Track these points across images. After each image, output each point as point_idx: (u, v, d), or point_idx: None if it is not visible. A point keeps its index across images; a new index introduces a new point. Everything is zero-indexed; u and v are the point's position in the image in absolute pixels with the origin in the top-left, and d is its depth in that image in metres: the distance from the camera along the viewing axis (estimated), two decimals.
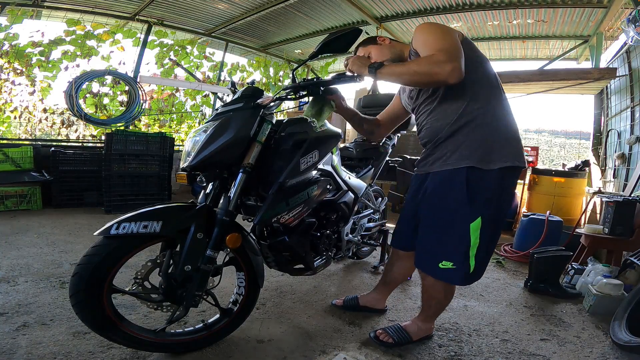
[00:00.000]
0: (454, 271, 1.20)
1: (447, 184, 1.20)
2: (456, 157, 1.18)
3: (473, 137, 1.16)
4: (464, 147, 1.17)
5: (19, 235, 2.67)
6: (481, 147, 1.15)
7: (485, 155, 1.15)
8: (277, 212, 1.35)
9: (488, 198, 1.16)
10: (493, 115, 1.19)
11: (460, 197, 1.16)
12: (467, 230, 1.16)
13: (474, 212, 1.16)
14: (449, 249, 1.21)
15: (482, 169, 1.14)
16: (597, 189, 3.69)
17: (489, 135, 1.17)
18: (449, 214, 1.21)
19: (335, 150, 1.83)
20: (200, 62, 5.56)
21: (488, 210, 1.17)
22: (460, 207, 1.17)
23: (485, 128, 1.17)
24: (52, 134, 5.03)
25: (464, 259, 1.19)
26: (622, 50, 3.66)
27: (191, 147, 1.28)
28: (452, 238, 1.20)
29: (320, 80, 1.33)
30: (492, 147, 1.16)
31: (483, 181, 1.15)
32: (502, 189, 1.18)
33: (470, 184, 1.15)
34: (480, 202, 1.16)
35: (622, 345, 1.52)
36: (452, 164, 1.19)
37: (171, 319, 1.28)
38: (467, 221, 1.16)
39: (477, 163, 1.14)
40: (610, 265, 2.28)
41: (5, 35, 3.97)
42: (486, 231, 1.18)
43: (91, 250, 1.12)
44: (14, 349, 1.27)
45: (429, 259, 1.27)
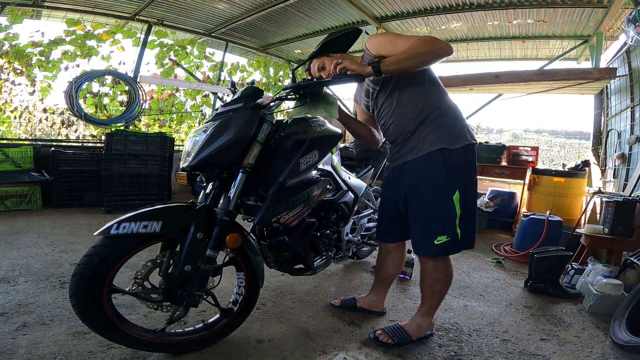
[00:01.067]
0: (449, 242, 1.35)
1: (426, 166, 1.35)
2: (428, 143, 1.35)
3: (437, 126, 1.36)
4: (432, 134, 1.35)
5: (19, 235, 2.68)
6: (445, 132, 1.35)
7: (450, 138, 1.34)
8: (277, 212, 1.35)
9: (460, 172, 1.35)
10: (445, 106, 1.40)
11: (440, 174, 1.32)
12: (452, 203, 1.33)
13: (453, 186, 1.33)
14: (440, 224, 1.35)
15: (450, 148, 1.33)
16: (597, 189, 3.69)
17: (448, 122, 1.37)
18: (433, 192, 1.35)
19: (335, 150, 1.83)
20: (200, 62, 5.56)
21: (462, 183, 1.35)
22: (442, 184, 1.33)
23: (443, 117, 1.37)
24: (52, 134, 5.03)
25: (453, 229, 1.35)
26: (622, 50, 3.66)
27: (191, 147, 1.28)
28: (441, 213, 1.35)
29: (320, 80, 1.33)
30: (453, 130, 1.36)
31: (454, 158, 1.33)
32: (469, 163, 1.38)
33: (445, 162, 1.32)
34: (455, 176, 1.34)
35: (622, 345, 1.52)
36: (426, 149, 1.35)
37: (171, 319, 1.28)
38: (450, 195, 1.33)
39: (446, 144, 1.33)
40: (610, 265, 2.27)
41: (5, 35, 3.97)
42: (464, 201, 1.35)
43: (91, 250, 1.12)
44: (14, 349, 1.27)
45: (425, 240, 1.39)
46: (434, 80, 1.43)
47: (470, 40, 4.87)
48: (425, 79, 1.40)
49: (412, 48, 1.23)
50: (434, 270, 1.46)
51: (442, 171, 1.33)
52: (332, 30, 4.92)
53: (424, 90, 1.38)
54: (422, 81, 1.39)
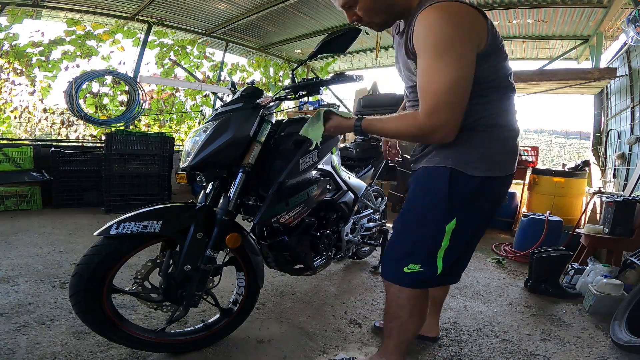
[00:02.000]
0: (422, 275, 1.09)
1: (429, 180, 1.11)
2: (442, 155, 1.08)
3: (468, 143, 1.05)
4: (453, 148, 1.06)
5: (19, 235, 2.67)
6: (467, 152, 1.05)
7: (473, 161, 1.05)
8: (276, 212, 1.35)
9: (465, 200, 1.07)
10: (496, 123, 1.07)
11: (440, 194, 1.07)
12: (442, 231, 1.07)
13: (451, 212, 1.07)
14: (418, 251, 1.10)
15: (466, 173, 1.05)
16: (597, 189, 3.69)
17: (486, 145, 1.06)
18: (422, 212, 1.11)
19: (335, 150, 1.82)
20: (200, 62, 5.56)
21: (463, 214, 1.07)
22: (438, 205, 1.07)
23: (484, 136, 1.06)
24: (52, 134, 5.03)
25: (432, 260, 1.09)
26: (622, 50, 3.66)
27: (191, 147, 1.28)
28: (424, 238, 1.10)
29: (319, 80, 1.33)
30: (483, 155, 1.06)
31: (467, 185, 1.06)
32: (481, 197, 1.09)
33: (453, 183, 1.06)
34: (457, 203, 1.07)
35: (622, 345, 1.52)
36: (438, 161, 1.09)
37: (171, 319, 1.28)
38: (444, 220, 1.07)
39: (460, 166, 1.05)
40: (610, 265, 2.27)
41: (5, 35, 3.98)
42: (459, 234, 1.08)
43: (91, 250, 1.12)
44: (14, 349, 1.27)
45: (394, 263, 1.14)
46: (501, 79, 1.06)
47: None
48: (493, 77, 1.04)
49: (397, 119, 1.04)
50: (395, 302, 1.17)
51: (445, 191, 1.07)
52: (332, 30, 4.92)
53: (481, 89, 1.02)
54: (487, 79, 1.02)
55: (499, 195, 1.14)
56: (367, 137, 1.18)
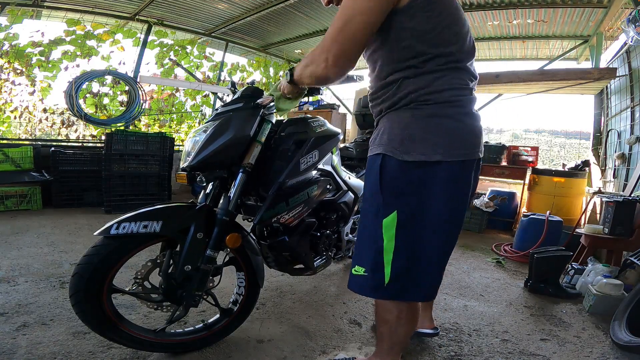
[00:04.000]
0: (364, 279, 0.99)
1: (368, 172, 1.03)
2: (377, 141, 1.00)
3: (397, 124, 0.95)
4: (388, 131, 0.97)
5: (19, 235, 2.67)
6: (401, 135, 0.94)
7: (403, 144, 0.93)
8: (276, 212, 1.35)
9: (402, 189, 0.94)
10: (432, 99, 0.92)
11: (374, 185, 0.97)
12: (378, 228, 0.95)
13: (387, 204, 0.94)
14: (362, 250, 1.01)
15: (394, 157, 0.94)
16: (597, 189, 3.69)
17: (418, 125, 0.93)
18: (364, 206, 1.04)
19: (335, 150, 1.83)
20: (200, 62, 5.56)
21: (406, 206, 0.94)
22: (373, 196, 0.98)
23: (416, 114, 0.93)
24: (52, 134, 5.03)
25: (375, 264, 0.96)
26: (622, 50, 3.66)
27: (191, 147, 1.28)
28: (364, 236, 1.01)
29: None
30: (412, 136, 0.93)
31: (396, 170, 0.94)
32: (423, 183, 0.93)
33: (383, 171, 0.95)
34: (392, 192, 0.94)
35: (622, 345, 1.52)
36: (373, 149, 1.01)
37: (171, 319, 1.28)
38: (379, 215, 0.95)
39: (390, 150, 0.94)
40: (610, 265, 2.27)
41: (5, 35, 3.97)
42: (407, 232, 0.93)
43: (91, 250, 1.12)
44: (14, 349, 1.27)
45: (353, 259, 1.06)
46: (434, 52, 0.91)
47: None
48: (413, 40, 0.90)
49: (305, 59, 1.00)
50: (381, 305, 1.10)
51: (377, 180, 0.96)
52: None
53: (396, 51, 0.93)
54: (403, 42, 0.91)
55: (455, 184, 0.94)
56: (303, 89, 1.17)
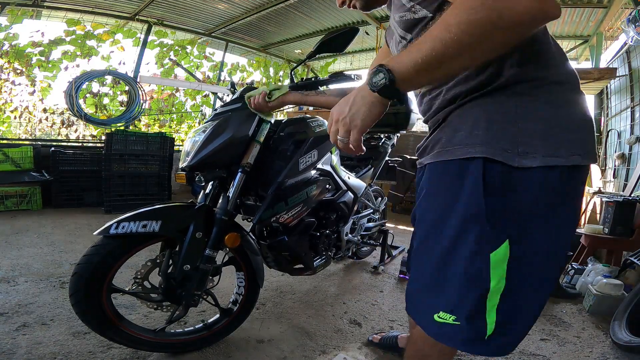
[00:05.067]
0: (457, 330, 0.70)
1: (446, 184, 0.71)
2: (463, 139, 0.68)
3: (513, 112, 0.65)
4: (482, 125, 0.66)
5: (19, 235, 2.68)
6: (522, 129, 0.64)
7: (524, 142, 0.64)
8: (276, 211, 1.35)
9: (518, 211, 0.66)
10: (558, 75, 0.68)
11: (469, 205, 0.66)
12: (483, 264, 0.67)
13: (496, 233, 0.66)
14: (450, 293, 0.71)
15: (509, 165, 0.64)
16: (597, 189, 3.69)
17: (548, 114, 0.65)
18: (447, 232, 0.70)
19: (335, 150, 1.82)
20: (200, 62, 5.56)
21: (523, 232, 0.66)
22: (470, 224, 0.67)
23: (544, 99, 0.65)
24: (52, 134, 5.03)
25: (476, 312, 0.68)
26: (622, 50, 3.66)
27: (190, 147, 1.28)
28: (454, 275, 0.70)
29: (318, 80, 1.33)
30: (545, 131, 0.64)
31: (513, 184, 0.65)
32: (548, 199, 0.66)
33: (489, 185, 0.65)
34: (507, 216, 0.66)
35: (622, 345, 1.52)
36: (457, 150, 0.68)
37: (171, 318, 1.28)
38: (484, 248, 0.66)
39: (500, 154, 0.64)
40: (610, 265, 2.27)
41: (5, 35, 3.98)
42: (520, 267, 0.67)
43: (91, 250, 1.12)
44: (14, 349, 1.27)
45: (421, 302, 0.78)
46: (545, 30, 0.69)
47: None
48: None
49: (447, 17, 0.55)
50: (422, 344, 0.83)
51: (477, 200, 0.65)
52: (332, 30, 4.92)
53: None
54: None
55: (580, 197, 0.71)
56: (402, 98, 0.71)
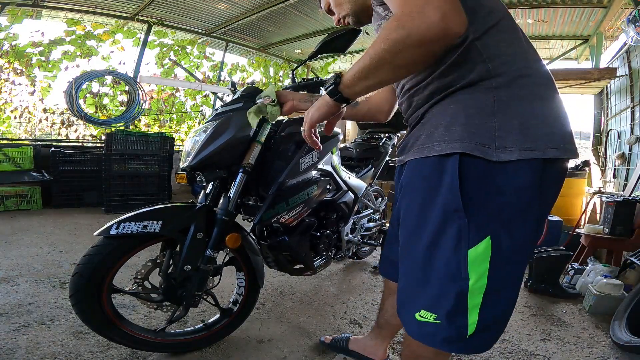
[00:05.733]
0: (436, 328, 0.70)
1: (426, 180, 0.72)
2: (441, 136, 0.69)
3: (486, 106, 0.66)
4: (460, 120, 0.68)
5: (19, 235, 2.67)
6: (497, 122, 0.65)
7: (500, 136, 0.65)
8: (276, 212, 1.35)
9: (498, 206, 0.66)
10: (514, 69, 0.69)
11: (448, 201, 0.67)
12: (461, 260, 0.67)
13: (477, 228, 0.66)
14: (431, 291, 0.71)
15: (486, 159, 0.65)
16: (597, 189, 3.69)
17: (521, 107, 0.67)
18: (428, 229, 0.70)
19: (335, 150, 1.82)
20: (200, 62, 5.57)
21: (504, 228, 0.66)
22: (449, 220, 0.67)
23: (501, 89, 0.67)
24: (52, 134, 5.03)
25: (455, 310, 0.68)
26: (622, 50, 3.66)
27: (191, 147, 1.28)
28: (435, 272, 0.70)
29: (319, 80, 1.33)
30: (522, 124, 0.65)
31: (489, 177, 0.65)
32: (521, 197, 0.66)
33: (467, 180, 0.66)
34: (488, 211, 0.66)
35: (622, 345, 1.52)
36: (435, 147, 0.70)
37: (171, 319, 1.28)
38: (462, 244, 0.67)
39: (478, 148, 0.65)
40: (610, 265, 2.27)
41: (5, 35, 3.98)
42: (502, 264, 0.67)
43: (91, 250, 1.12)
44: (14, 349, 1.27)
45: (406, 301, 0.77)
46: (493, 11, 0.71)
47: None
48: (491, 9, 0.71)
49: (377, 39, 0.63)
50: (411, 347, 0.82)
51: (454, 195, 0.66)
52: (332, 30, 4.92)
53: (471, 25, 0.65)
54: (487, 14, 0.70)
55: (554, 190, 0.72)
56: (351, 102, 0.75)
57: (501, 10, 0.74)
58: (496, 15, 0.72)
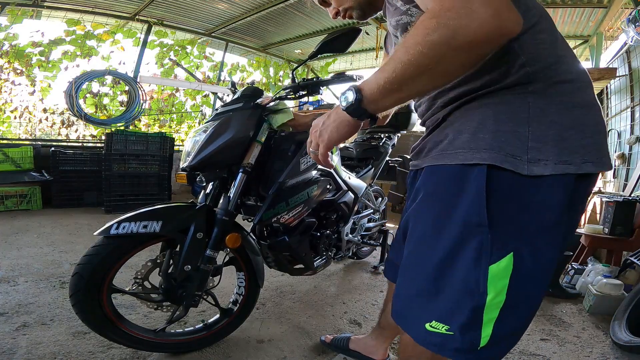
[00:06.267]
0: (449, 340, 0.67)
1: (445, 189, 0.67)
2: (465, 143, 0.64)
3: (519, 114, 0.61)
4: (487, 127, 0.62)
5: (19, 235, 2.67)
6: (532, 133, 0.60)
7: (534, 148, 0.60)
8: (276, 212, 1.35)
9: (526, 222, 0.62)
10: (568, 74, 0.64)
11: (470, 214, 0.63)
12: (480, 277, 0.63)
13: (501, 243, 0.62)
14: (444, 303, 0.67)
15: (518, 173, 0.60)
16: (597, 189, 3.69)
17: (559, 116, 0.61)
18: (445, 241, 0.66)
19: (335, 150, 1.82)
20: (200, 62, 5.56)
21: (529, 244, 0.62)
22: (470, 234, 0.63)
23: (554, 100, 0.62)
24: (52, 134, 5.03)
25: (471, 323, 0.65)
26: (622, 50, 3.66)
27: (191, 147, 1.28)
28: (450, 285, 0.66)
29: (319, 80, 1.33)
30: (561, 136, 0.60)
31: (519, 192, 0.61)
32: (560, 210, 0.62)
33: (493, 193, 0.61)
34: (513, 227, 0.62)
35: (622, 345, 1.52)
36: (459, 155, 0.65)
37: (171, 319, 1.28)
38: (483, 260, 0.63)
39: (508, 160, 0.60)
40: (610, 265, 2.27)
41: (5, 35, 3.98)
42: (523, 282, 0.63)
43: (91, 250, 1.12)
44: (14, 349, 1.27)
45: (412, 310, 0.73)
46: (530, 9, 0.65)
47: None
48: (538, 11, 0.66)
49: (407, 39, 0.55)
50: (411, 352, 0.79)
51: (479, 208, 0.62)
52: (332, 30, 4.93)
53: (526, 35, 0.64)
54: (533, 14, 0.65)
55: (583, 206, 0.69)
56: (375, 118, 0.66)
57: (538, 9, 0.67)
58: (534, 13, 0.65)
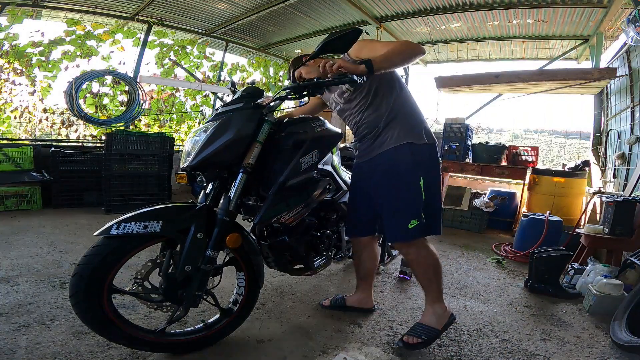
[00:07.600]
0: (420, 225, 1.44)
1: (396, 157, 1.48)
2: (396, 138, 1.50)
3: (404, 124, 1.52)
4: (400, 131, 1.50)
5: (19, 235, 2.67)
6: (411, 130, 1.51)
7: (416, 135, 1.51)
8: (277, 212, 1.35)
9: (424, 163, 1.50)
10: (411, 108, 1.57)
11: (409, 164, 1.47)
12: (419, 188, 1.46)
13: (418, 173, 1.47)
14: (412, 208, 1.45)
15: (417, 143, 1.49)
16: (597, 189, 3.69)
17: (413, 122, 1.54)
18: (403, 179, 1.47)
19: (335, 150, 1.83)
20: (200, 62, 5.56)
21: (426, 173, 1.49)
22: (411, 171, 1.47)
23: (409, 117, 1.55)
24: (52, 134, 5.02)
25: (420, 213, 1.45)
26: (622, 50, 3.66)
27: (191, 147, 1.28)
28: (412, 198, 1.46)
29: (320, 80, 1.33)
30: (418, 129, 1.52)
31: (419, 151, 1.49)
32: (431, 158, 1.54)
33: (412, 153, 1.47)
34: (421, 167, 1.48)
35: (622, 345, 1.52)
36: (394, 143, 1.49)
37: (171, 319, 1.28)
38: (417, 181, 1.46)
39: (413, 140, 1.49)
40: (610, 265, 2.27)
41: (5, 35, 3.97)
42: (428, 189, 1.48)
43: (91, 251, 1.12)
44: (14, 349, 1.27)
45: (400, 225, 1.46)
46: (402, 85, 1.60)
47: (470, 40, 4.87)
48: (395, 83, 1.56)
49: (395, 48, 1.34)
50: (419, 259, 1.52)
51: (409, 161, 1.47)
52: (332, 30, 4.92)
53: (395, 93, 1.54)
54: (393, 86, 1.55)
55: (437, 158, 1.59)
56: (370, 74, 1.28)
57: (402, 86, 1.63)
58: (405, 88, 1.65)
